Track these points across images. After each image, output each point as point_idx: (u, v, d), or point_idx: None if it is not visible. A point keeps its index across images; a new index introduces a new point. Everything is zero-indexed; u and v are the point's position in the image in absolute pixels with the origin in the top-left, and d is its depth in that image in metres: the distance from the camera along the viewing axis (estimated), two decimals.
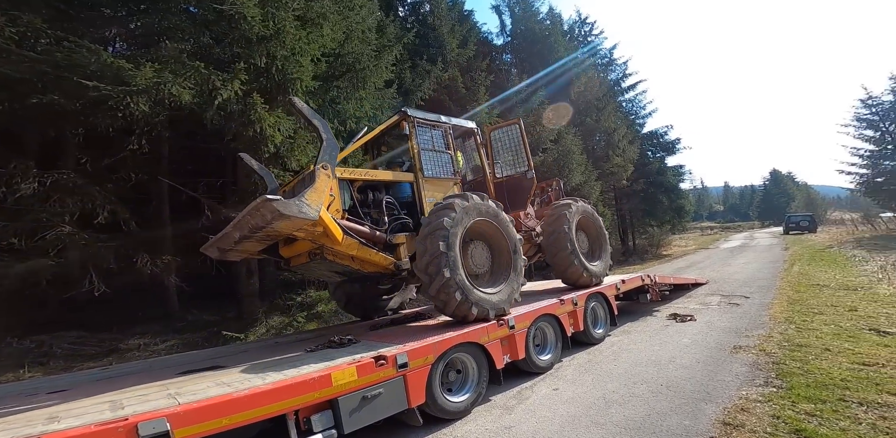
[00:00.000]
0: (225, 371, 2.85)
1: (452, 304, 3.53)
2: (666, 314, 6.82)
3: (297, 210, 2.79)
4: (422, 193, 4.32)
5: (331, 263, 3.67)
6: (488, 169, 5.57)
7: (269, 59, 4.82)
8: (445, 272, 3.44)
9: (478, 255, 4.13)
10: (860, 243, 18.45)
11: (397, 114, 4.51)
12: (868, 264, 11.62)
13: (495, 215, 4.17)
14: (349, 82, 6.33)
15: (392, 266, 3.86)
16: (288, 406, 2.14)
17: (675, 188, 23.18)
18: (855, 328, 4.91)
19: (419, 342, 2.98)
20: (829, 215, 52.99)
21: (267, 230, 3.00)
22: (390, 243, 3.92)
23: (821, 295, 7.22)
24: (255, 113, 4.44)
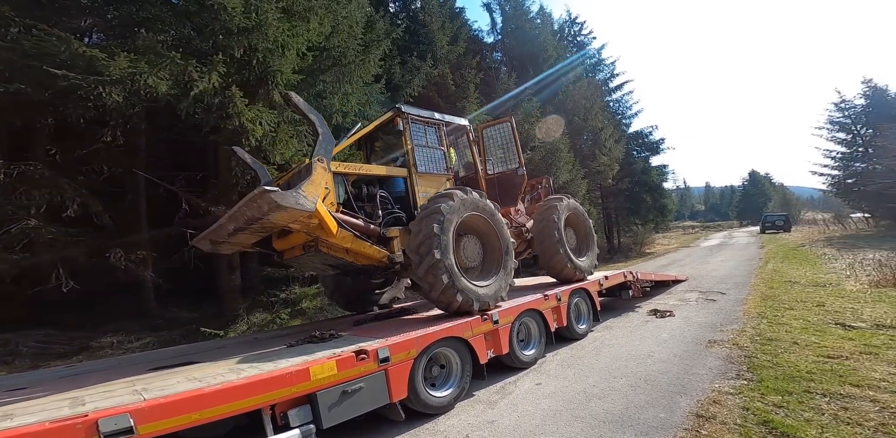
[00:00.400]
0: (198, 367, 2.79)
1: (439, 287, 3.56)
2: (647, 309, 7.00)
3: (294, 202, 2.81)
4: (415, 188, 4.38)
5: (325, 255, 3.69)
6: (480, 165, 5.63)
7: (251, 51, 4.70)
8: (436, 253, 3.50)
9: (470, 249, 4.23)
10: (830, 242, 19.28)
11: (391, 110, 4.56)
12: (837, 262, 12.16)
13: (491, 213, 4.28)
14: (335, 77, 6.23)
15: (385, 259, 3.90)
16: (263, 401, 2.11)
17: (659, 188, 23.73)
18: (822, 323, 5.14)
19: (402, 337, 2.97)
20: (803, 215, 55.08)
21: (263, 222, 3.00)
22: (384, 237, 3.97)
23: (792, 291, 7.52)
24: (234, 106, 4.32)
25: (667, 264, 15.33)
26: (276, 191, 2.75)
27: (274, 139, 4.90)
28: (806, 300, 6.65)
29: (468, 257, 4.19)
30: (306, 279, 7.16)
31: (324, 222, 3.26)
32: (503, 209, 5.42)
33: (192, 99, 4.14)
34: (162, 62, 4.05)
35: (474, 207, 4.07)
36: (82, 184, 4.65)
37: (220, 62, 4.38)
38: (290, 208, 2.81)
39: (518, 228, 5.84)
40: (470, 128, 5.57)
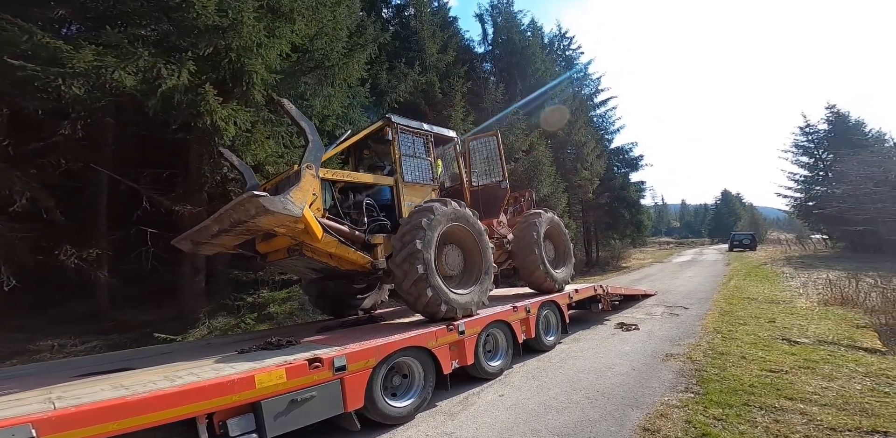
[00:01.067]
0: (132, 373, 2.66)
1: (423, 300, 3.72)
2: (615, 322, 7.19)
3: (281, 207, 2.88)
4: (401, 196, 4.49)
5: (308, 259, 3.76)
6: (465, 177, 5.77)
7: (224, 49, 4.63)
8: (419, 268, 3.63)
9: (451, 258, 4.36)
10: (790, 262, 20.40)
11: (381, 119, 4.66)
12: (793, 281, 12.88)
13: (471, 223, 4.41)
14: (317, 79, 6.21)
15: (369, 265, 3.98)
16: (196, 410, 2.04)
17: (637, 204, 24.50)
18: (770, 338, 5.44)
19: (361, 345, 2.94)
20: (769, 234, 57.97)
21: (248, 225, 3.06)
22: (368, 243, 4.06)
23: (748, 307, 7.91)
24: (207, 104, 4.24)
25: (640, 279, 15.80)
26: (264, 196, 2.80)
27: (248, 139, 4.82)
28: (760, 316, 7.01)
29: (450, 266, 4.32)
30: (276, 283, 7.00)
31: (309, 228, 3.33)
32: (486, 221, 5.59)
33: (159, 95, 4.03)
34: (129, 57, 3.94)
35: (455, 217, 4.18)
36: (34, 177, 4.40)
37: (190, 59, 4.29)
38: (278, 213, 2.87)
39: (500, 239, 5.97)
40: (457, 140, 5.71)
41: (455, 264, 4.41)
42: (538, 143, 15.89)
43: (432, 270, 3.75)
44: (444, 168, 6.17)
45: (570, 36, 24.49)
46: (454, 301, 3.95)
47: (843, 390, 3.46)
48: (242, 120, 4.75)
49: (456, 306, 3.95)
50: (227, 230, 3.22)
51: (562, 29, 24.90)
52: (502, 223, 6.14)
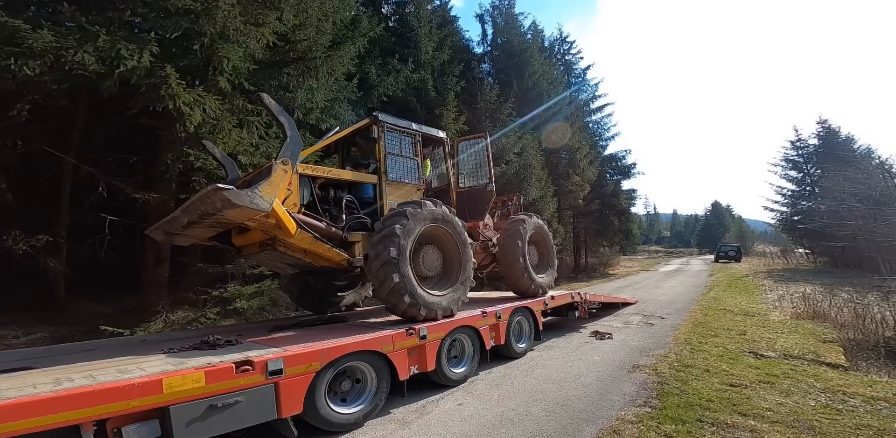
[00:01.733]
0: (23, 374, 2.41)
1: (402, 306, 3.79)
2: (591, 330, 7.15)
3: (248, 201, 2.83)
4: (384, 195, 4.48)
5: (282, 254, 3.74)
6: (453, 178, 5.77)
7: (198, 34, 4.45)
8: (395, 277, 3.64)
9: (429, 258, 4.34)
10: (771, 275, 20.73)
11: (368, 117, 4.63)
12: (771, 294, 13.06)
13: (449, 221, 4.37)
14: (299, 70, 6.05)
15: (345, 262, 3.96)
16: (81, 416, 1.86)
17: (626, 212, 24.61)
18: (738, 351, 5.43)
19: (304, 348, 2.80)
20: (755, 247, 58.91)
21: (217, 218, 3.03)
22: (346, 241, 4.04)
23: (723, 319, 7.94)
24: (169, 88, 4.06)
25: (623, 286, 15.86)
26: (229, 189, 2.75)
27: (215, 127, 4.65)
28: (732, 328, 7.03)
29: (428, 267, 4.29)
30: (248, 278, 6.82)
31: (281, 222, 3.29)
32: (471, 223, 5.62)
33: (116, 77, 3.84)
34: (87, 37, 3.75)
35: (431, 219, 4.15)
36: None
37: (153, 40, 4.11)
38: (244, 207, 2.82)
39: (485, 242, 5.97)
40: (447, 141, 5.72)
41: (433, 265, 4.38)
42: (530, 145, 15.81)
43: (409, 277, 3.74)
44: (432, 168, 6.17)
45: (570, 40, 24.56)
46: (433, 304, 3.98)
47: (797, 406, 3.44)
48: (212, 107, 4.57)
49: (436, 308, 3.98)
50: (196, 222, 3.15)
51: (563, 33, 24.83)
52: (488, 226, 6.12)
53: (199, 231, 3.51)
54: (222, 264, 6.21)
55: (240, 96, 5.23)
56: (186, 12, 4.32)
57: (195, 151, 4.78)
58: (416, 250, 4.10)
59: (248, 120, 5.38)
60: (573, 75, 24.35)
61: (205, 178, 5.02)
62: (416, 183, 4.88)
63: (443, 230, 4.34)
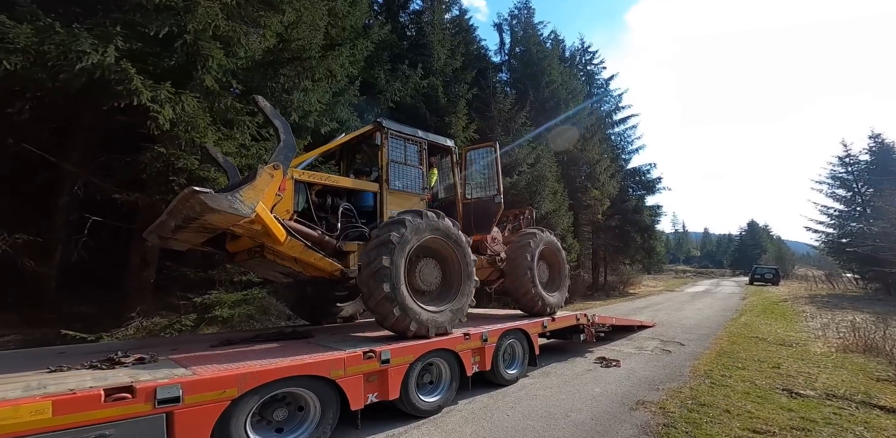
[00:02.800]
0: None
1: (390, 319, 3.56)
2: (597, 356, 6.45)
3: (227, 205, 2.72)
4: (384, 204, 4.34)
5: (272, 262, 3.63)
6: (459, 189, 5.60)
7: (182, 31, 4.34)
8: (385, 287, 3.44)
9: (427, 272, 4.09)
10: (814, 300, 18.79)
11: (372, 123, 4.52)
12: (814, 321, 11.66)
13: (450, 234, 4.13)
14: (294, 71, 5.92)
15: (338, 273, 3.82)
16: None
17: (650, 229, 23.28)
18: (768, 388, 4.62)
19: (220, 371, 2.40)
20: (795, 269, 54.62)
21: (201, 222, 2.92)
22: (340, 250, 3.90)
23: (753, 349, 6.99)
24: (132, 83, 3.93)
25: (642, 307, 14.76)
26: (207, 192, 2.64)
27: (190, 126, 4.49)
28: (764, 359, 6.12)
29: (425, 281, 4.06)
30: (236, 285, 6.61)
31: (269, 229, 3.16)
32: (478, 236, 5.43)
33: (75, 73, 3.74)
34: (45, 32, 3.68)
35: (431, 230, 3.91)
36: None
37: (118, 35, 4.02)
38: (223, 212, 2.71)
39: (492, 256, 5.74)
40: (455, 150, 5.56)
41: (431, 280, 4.12)
42: (544, 156, 15.24)
43: (401, 288, 3.54)
44: (440, 178, 6.02)
45: (592, 50, 24.05)
46: (426, 320, 3.75)
47: None
48: (190, 106, 4.44)
49: (428, 324, 3.75)
50: (182, 227, 3.04)
51: (584, 43, 24.32)
52: (496, 240, 5.85)
53: (190, 236, 3.36)
54: (206, 270, 6.02)
55: (229, 96, 5.12)
56: (167, 9, 4.26)
57: (172, 151, 4.62)
58: (413, 262, 3.88)
59: (239, 120, 5.24)
60: (595, 86, 23.75)
61: (186, 179, 4.87)
62: (419, 193, 4.72)
63: (444, 243, 4.09)
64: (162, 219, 3.20)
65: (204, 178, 5.00)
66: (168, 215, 3.09)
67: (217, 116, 5.08)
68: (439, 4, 14.85)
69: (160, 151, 4.53)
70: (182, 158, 4.68)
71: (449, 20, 15.92)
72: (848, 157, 26.00)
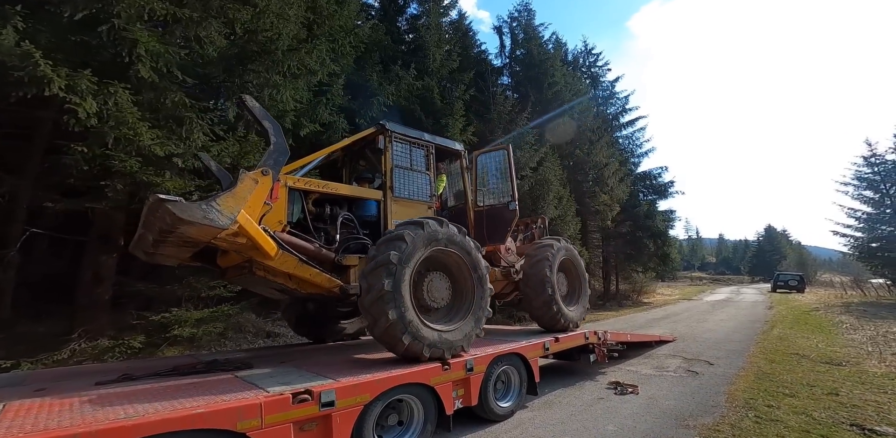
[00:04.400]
0: None
1: (400, 347, 3.23)
2: (610, 379, 5.55)
3: (200, 216, 2.42)
4: (388, 213, 4.04)
5: (264, 279, 3.32)
6: (470, 195, 5.31)
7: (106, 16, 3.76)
8: (391, 314, 3.08)
9: (436, 288, 3.72)
10: (849, 309, 17.28)
11: (374, 126, 4.25)
12: (856, 334, 10.43)
13: (457, 243, 3.77)
14: (263, 66, 5.37)
15: (337, 289, 3.50)
16: None
17: (663, 234, 22.10)
18: (831, 423, 3.69)
19: None
20: (818, 276, 52.08)
21: (178, 235, 2.59)
22: (339, 264, 3.60)
23: (797, 369, 5.97)
24: (37, 69, 3.32)
25: (659, 319, 13.63)
26: (175, 201, 2.34)
27: (118, 121, 3.88)
28: (814, 383, 5.12)
29: (434, 298, 3.70)
30: (204, 300, 5.95)
31: (256, 243, 2.85)
32: (491, 247, 5.14)
33: None
34: None
35: (435, 242, 3.56)
36: None
37: (17, 14, 3.47)
38: (196, 223, 2.40)
39: (507, 268, 5.39)
40: (464, 154, 5.25)
41: (441, 296, 3.75)
42: (548, 159, 14.51)
43: (408, 313, 3.17)
44: (448, 185, 5.75)
45: (595, 52, 23.49)
46: (440, 342, 3.39)
47: None
48: (124, 100, 3.86)
49: (442, 346, 3.39)
50: (161, 240, 2.75)
51: (587, 45, 23.75)
52: (510, 250, 5.51)
53: (173, 250, 3.03)
54: (161, 285, 5.37)
55: (178, 90, 4.55)
56: None
57: (98, 151, 3.99)
58: (419, 278, 3.56)
59: (188, 116, 4.64)
60: (600, 88, 23.10)
61: (127, 184, 4.27)
62: (426, 201, 4.42)
63: (452, 254, 3.72)
64: (140, 232, 2.88)
65: (150, 183, 4.38)
66: (143, 228, 2.77)
67: (164, 113, 4.51)
68: (436, 7, 14.53)
69: (80, 149, 3.91)
70: (118, 160, 4.06)
71: (447, 23, 15.60)
72: (874, 156, 24.54)
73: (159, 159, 4.44)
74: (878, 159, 24.31)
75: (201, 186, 5.34)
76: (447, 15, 15.86)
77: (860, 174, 24.86)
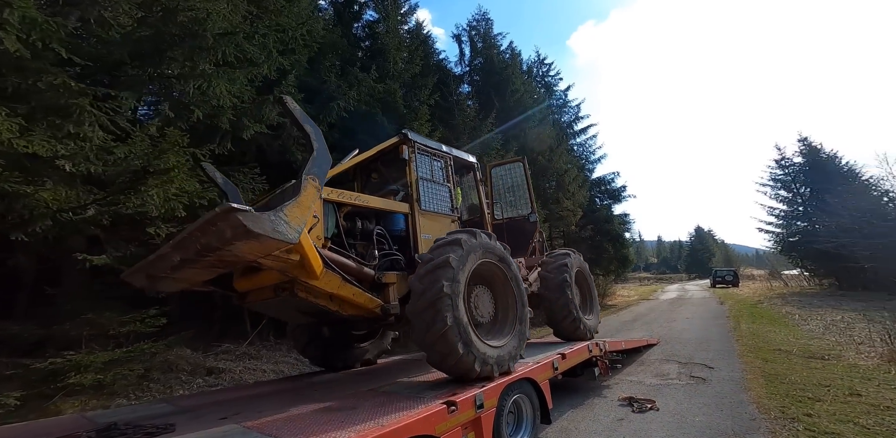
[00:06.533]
0: None
1: (453, 357, 2.99)
2: (618, 394, 4.99)
3: (270, 229, 2.06)
4: (417, 227, 3.85)
5: (301, 301, 3.01)
6: (487, 209, 5.24)
7: None
8: (448, 318, 2.94)
9: (481, 301, 3.57)
10: (785, 300, 18.89)
11: (397, 136, 4.10)
12: (809, 324, 11.13)
13: (503, 258, 3.71)
14: (188, 53, 4.33)
15: (378, 309, 3.33)
16: None
17: (621, 237, 23.01)
18: (886, 432, 3.39)
19: None
20: (742, 271, 58.32)
21: (222, 254, 2.17)
22: (378, 282, 3.40)
23: (795, 367, 5.88)
24: None
25: (631, 321, 13.72)
26: (246, 210, 1.96)
27: None
28: (826, 383, 4.95)
29: (481, 313, 3.53)
30: (117, 338, 4.56)
31: (306, 260, 2.62)
32: None
33: None
34: None
35: (484, 252, 3.48)
36: None
37: None
38: (265, 238, 2.03)
39: None
40: (478, 166, 5.18)
41: (486, 310, 3.59)
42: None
43: (464, 319, 3.03)
44: (463, 198, 5.54)
45: (548, 62, 24.46)
46: (490, 357, 3.17)
47: None
48: None
49: (492, 362, 3.18)
50: (192, 261, 2.33)
51: (540, 55, 24.72)
52: (521, 263, 5.38)
53: (194, 273, 2.64)
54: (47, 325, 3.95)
55: (61, 73, 3.36)
56: None
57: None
58: (467, 291, 3.32)
59: (76, 105, 3.40)
60: (554, 97, 23.99)
61: None
62: (450, 215, 4.30)
63: (494, 267, 3.63)
64: (162, 253, 2.46)
65: (15, 193, 3.12)
66: (173, 247, 2.35)
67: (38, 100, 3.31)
68: (394, 14, 14.08)
69: None
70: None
71: (406, 31, 15.21)
72: (783, 159, 27.94)
73: (35, 162, 3.19)
74: (788, 162, 27.73)
75: (99, 199, 4.05)
76: (405, 23, 15.52)
77: (775, 176, 28.12)
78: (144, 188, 3.82)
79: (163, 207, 4.00)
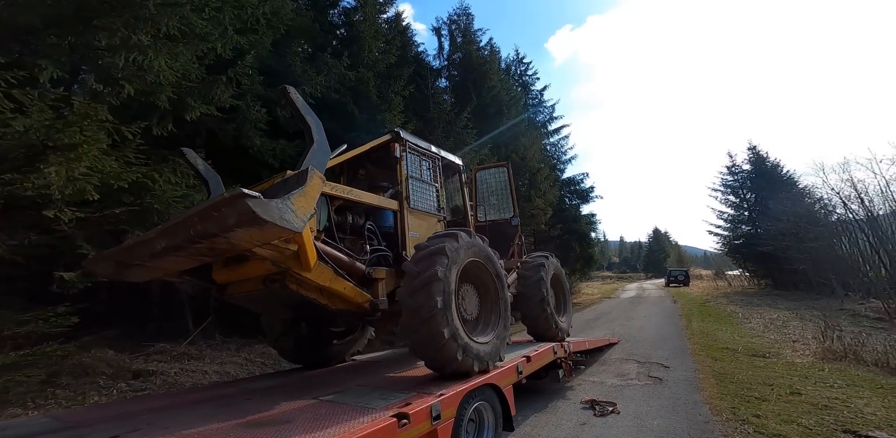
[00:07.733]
0: None
1: (437, 342, 2.98)
2: (581, 397, 5.03)
3: (278, 216, 1.97)
4: (405, 225, 3.90)
5: (291, 293, 2.89)
6: (471, 211, 5.28)
7: None
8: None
9: (469, 299, 3.66)
10: (729, 299, 20.42)
11: (389, 133, 4.12)
12: (751, 322, 12.02)
13: (486, 256, 3.79)
14: (122, 23, 3.78)
15: (367, 305, 3.29)
16: None
17: (587, 237, 23.74)
18: (826, 431, 3.59)
19: None
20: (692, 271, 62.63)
21: (216, 241, 2.09)
22: (368, 277, 3.39)
23: (741, 366, 6.24)
24: None
25: (594, 319, 14.20)
26: (256, 196, 1.85)
27: None
28: (768, 381, 5.28)
29: (468, 311, 3.61)
30: (13, 340, 3.95)
31: (302, 251, 2.59)
32: None
33: None
34: None
35: (470, 253, 3.52)
36: None
37: None
38: (270, 225, 1.93)
39: None
40: (463, 168, 5.23)
41: (472, 308, 3.69)
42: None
43: (451, 306, 3.09)
44: (447, 199, 5.65)
45: (526, 61, 24.57)
46: (473, 350, 3.22)
47: None
48: None
49: (473, 357, 3.20)
50: (179, 248, 2.17)
51: (519, 54, 24.78)
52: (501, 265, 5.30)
53: (175, 262, 2.46)
54: None
55: None
56: None
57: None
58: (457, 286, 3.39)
59: None
60: (530, 96, 24.18)
61: None
62: (437, 214, 4.35)
63: (482, 267, 3.72)
64: (145, 239, 2.28)
65: None
66: (160, 233, 2.17)
67: None
68: (373, 1, 13.45)
69: None
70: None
71: (384, 21, 14.62)
72: (734, 166, 29.98)
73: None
74: (738, 169, 29.80)
75: None
76: (384, 12, 14.92)
77: (725, 182, 30.14)
78: (44, 167, 3.30)
79: (67, 188, 3.48)
